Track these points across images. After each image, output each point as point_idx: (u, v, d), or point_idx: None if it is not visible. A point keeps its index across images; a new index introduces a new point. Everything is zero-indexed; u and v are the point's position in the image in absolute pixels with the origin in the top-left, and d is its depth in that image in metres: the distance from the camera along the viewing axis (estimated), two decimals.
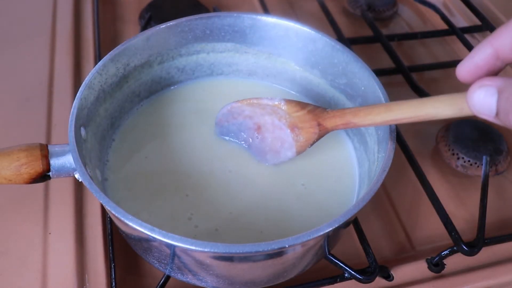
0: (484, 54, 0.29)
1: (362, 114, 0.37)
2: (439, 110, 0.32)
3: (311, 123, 0.39)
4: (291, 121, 0.40)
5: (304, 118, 0.40)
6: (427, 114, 0.33)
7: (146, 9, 0.64)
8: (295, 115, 0.40)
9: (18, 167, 0.35)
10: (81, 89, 0.39)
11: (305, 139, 0.40)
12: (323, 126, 0.39)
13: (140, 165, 0.43)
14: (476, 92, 0.28)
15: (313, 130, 0.39)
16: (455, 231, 0.42)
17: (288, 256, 0.34)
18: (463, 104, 0.30)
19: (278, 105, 0.40)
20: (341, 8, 0.72)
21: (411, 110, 0.34)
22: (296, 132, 0.40)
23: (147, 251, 0.36)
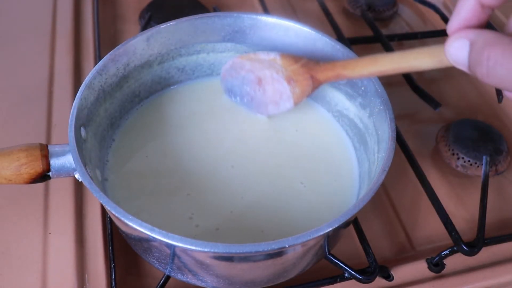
0: (469, 6, 0.30)
1: (351, 67, 0.39)
2: (421, 61, 0.34)
3: (304, 75, 0.41)
4: (287, 74, 0.42)
5: (298, 71, 0.42)
6: (409, 65, 0.35)
7: (146, 9, 0.64)
8: (290, 68, 0.42)
9: (18, 167, 0.36)
10: (81, 89, 0.39)
11: (301, 91, 0.42)
12: (316, 78, 0.41)
13: (140, 165, 0.43)
14: (452, 44, 0.30)
15: (307, 82, 0.41)
16: (455, 231, 0.42)
17: (288, 256, 0.34)
18: (443, 56, 0.31)
19: (274, 59, 0.43)
20: (341, 8, 0.72)
21: (394, 61, 0.36)
22: (292, 84, 0.42)
23: (147, 251, 0.36)
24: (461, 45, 0.29)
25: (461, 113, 0.58)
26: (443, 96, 0.60)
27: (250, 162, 0.44)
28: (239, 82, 0.46)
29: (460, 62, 0.29)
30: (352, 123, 0.46)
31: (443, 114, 0.58)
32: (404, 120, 0.57)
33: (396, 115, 0.39)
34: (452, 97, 0.60)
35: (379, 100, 0.40)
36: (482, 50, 0.27)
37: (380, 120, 0.40)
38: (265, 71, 0.44)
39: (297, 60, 0.42)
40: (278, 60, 0.42)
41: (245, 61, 0.44)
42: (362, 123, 0.44)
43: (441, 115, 0.58)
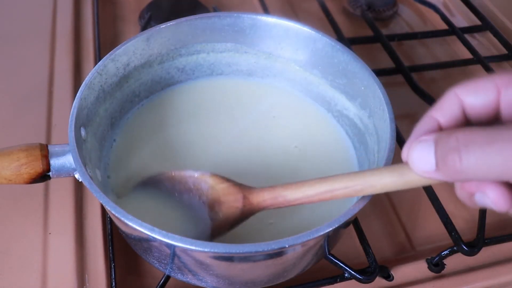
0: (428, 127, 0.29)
1: (294, 187, 0.33)
2: (376, 177, 0.30)
3: (236, 196, 0.35)
4: (213, 196, 0.36)
5: (229, 190, 0.36)
6: (364, 182, 0.30)
7: (146, 9, 0.64)
8: (220, 186, 0.36)
9: (18, 167, 0.35)
10: (81, 89, 0.39)
11: (224, 216, 0.35)
12: (248, 200, 0.35)
13: (140, 165, 0.43)
14: (415, 148, 0.27)
15: (236, 205, 0.35)
16: (455, 231, 0.42)
17: (288, 256, 0.34)
18: (403, 170, 0.29)
19: (202, 177, 0.37)
20: (341, 8, 0.72)
21: (347, 179, 0.31)
22: (215, 209, 0.36)
23: (147, 251, 0.36)
24: (425, 146, 0.27)
25: None
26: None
27: (250, 162, 0.44)
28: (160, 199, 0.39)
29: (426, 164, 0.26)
30: (352, 123, 0.46)
31: None
32: (404, 120, 0.57)
33: (396, 115, 0.39)
34: None
35: (379, 100, 0.40)
36: (449, 136, 0.25)
37: (380, 120, 0.40)
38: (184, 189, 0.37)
39: (229, 180, 0.36)
40: (207, 178, 0.36)
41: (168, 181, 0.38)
42: (362, 123, 0.44)
43: None
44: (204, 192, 0.36)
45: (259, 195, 0.34)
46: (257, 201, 0.34)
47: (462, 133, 0.25)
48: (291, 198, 0.33)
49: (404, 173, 0.29)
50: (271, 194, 0.34)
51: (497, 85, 0.27)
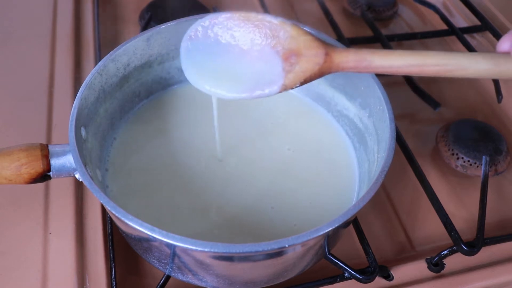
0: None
1: (382, 53, 0.32)
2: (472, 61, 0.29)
3: (318, 50, 0.33)
4: (291, 47, 0.33)
5: (311, 44, 0.33)
6: (458, 63, 0.29)
7: (146, 9, 0.64)
8: (302, 38, 0.33)
9: (18, 167, 0.36)
10: (81, 89, 0.39)
11: (301, 69, 0.33)
12: (330, 57, 0.33)
13: (140, 165, 0.43)
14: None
15: (317, 60, 0.33)
16: (454, 231, 0.42)
17: (288, 256, 0.34)
18: (498, 60, 0.28)
19: (283, 24, 0.34)
20: (341, 8, 0.72)
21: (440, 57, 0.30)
22: (291, 60, 0.33)
23: (147, 251, 0.36)
24: None
25: (461, 113, 0.58)
26: (443, 96, 0.60)
27: (250, 161, 0.44)
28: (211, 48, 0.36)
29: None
30: (352, 123, 0.46)
31: (443, 114, 0.58)
32: (404, 120, 0.57)
33: (396, 115, 0.39)
34: (452, 97, 0.60)
35: (379, 100, 0.40)
36: None
37: (380, 120, 0.40)
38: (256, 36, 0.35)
39: (310, 33, 0.34)
40: (288, 26, 0.34)
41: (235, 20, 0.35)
42: (362, 123, 0.44)
43: (441, 115, 0.58)
44: (281, 41, 0.34)
45: (343, 55, 0.32)
46: (340, 60, 0.33)
47: None
48: (378, 65, 0.32)
49: (499, 63, 0.28)
50: (356, 56, 0.32)
51: None
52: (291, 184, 0.43)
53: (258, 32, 0.34)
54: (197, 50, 0.36)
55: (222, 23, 0.35)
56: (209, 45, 0.36)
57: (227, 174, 0.43)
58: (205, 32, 0.36)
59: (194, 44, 0.37)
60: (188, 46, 0.37)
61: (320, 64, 0.33)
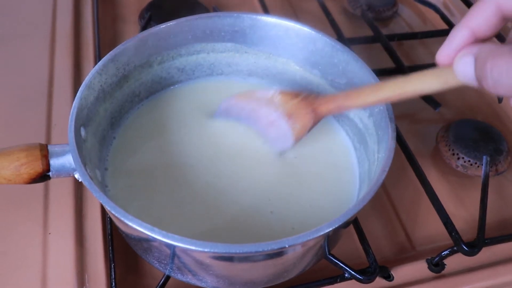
0: (462, 37, 0.31)
1: (354, 96, 0.38)
2: (425, 84, 0.33)
3: (306, 109, 0.41)
4: (286, 110, 0.42)
5: (298, 105, 0.41)
6: (415, 89, 0.34)
7: (146, 9, 0.64)
8: (290, 103, 0.41)
9: (18, 167, 0.35)
10: (81, 89, 0.39)
11: (301, 126, 0.41)
12: (317, 111, 0.40)
13: (140, 165, 0.43)
14: (459, 61, 0.30)
15: (308, 117, 0.41)
16: (455, 231, 0.42)
17: (288, 256, 0.34)
18: (447, 76, 0.31)
19: (273, 97, 0.42)
20: (341, 8, 0.72)
21: (399, 87, 0.35)
22: (292, 120, 0.41)
23: (147, 251, 0.36)
24: (467, 61, 0.30)
25: (461, 113, 0.58)
26: (443, 96, 0.59)
27: (250, 161, 0.44)
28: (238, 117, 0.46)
29: (469, 77, 0.30)
30: (352, 123, 0.46)
31: (443, 114, 0.58)
32: (404, 120, 0.57)
33: (396, 115, 0.39)
34: (452, 97, 0.60)
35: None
36: (485, 62, 0.28)
37: (380, 120, 0.40)
38: (262, 110, 0.43)
39: (297, 95, 0.42)
40: (276, 97, 0.42)
41: (242, 101, 0.44)
42: (362, 123, 0.44)
43: (441, 115, 0.58)
44: (278, 107, 0.42)
45: (325, 106, 0.40)
46: (325, 111, 0.40)
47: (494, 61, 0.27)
48: (352, 106, 0.40)
49: (448, 80, 0.32)
50: (335, 104, 0.40)
51: None
52: (291, 184, 0.43)
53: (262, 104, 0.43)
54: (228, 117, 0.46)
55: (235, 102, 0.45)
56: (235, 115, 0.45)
57: (227, 174, 0.43)
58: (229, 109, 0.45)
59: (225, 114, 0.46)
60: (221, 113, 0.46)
61: (312, 120, 0.41)
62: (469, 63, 0.29)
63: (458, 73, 0.30)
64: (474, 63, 0.29)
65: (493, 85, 0.28)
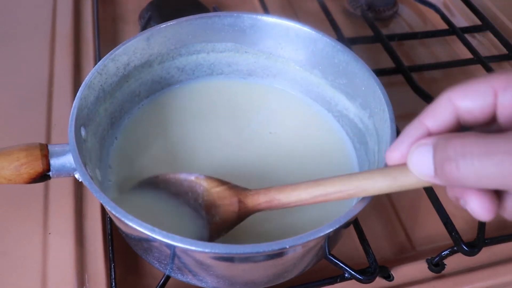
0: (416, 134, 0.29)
1: (288, 190, 0.33)
2: (369, 181, 0.30)
3: (231, 199, 0.35)
4: (208, 199, 0.36)
5: (223, 193, 0.36)
6: (357, 186, 0.31)
7: (146, 9, 0.64)
8: (214, 190, 0.36)
9: (18, 167, 0.35)
10: (81, 89, 0.39)
11: (221, 219, 0.36)
12: (243, 204, 0.35)
13: (140, 165, 0.43)
14: (413, 152, 0.28)
15: (232, 208, 0.35)
16: (455, 231, 0.42)
17: (289, 257, 0.34)
18: (397, 173, 0.29)
19: (197, 180, 0.37)
20: (341, 8, 0.72)
21: (341, 183, 0.31)
22: (212, 212, 0.36)
23: (147, 251, 0.36)
24: (424, 150, 0.27)
25: None
26: None
27: (250, 161, 0.44)
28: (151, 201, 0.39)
29: (425, 168, 0.27)
30: (352, 123, 0.46)
31: None
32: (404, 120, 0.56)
33: (396, 115, 0.39)
34: None
35: (379, 100, 0.40)
36: (447, 143, 0.25)
37: (380, 121, 0.40)
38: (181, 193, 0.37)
39: (223, 183, 0.36)
40: (201, 181, 0.36)
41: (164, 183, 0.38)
42: (362, 123, 0.44)
43: None
44: (200, 195, 0.36)
45: (254, 198, 0.35)
46: (252, 204, 0.35)
47: (460, 141, 0.25)
48: (286, 201, 0.34)
49: (397, 177, 0.29)
50: (266, 197, 0.34)
51: (493, 87, 0.27)
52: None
53: (180, 189, 0.37)
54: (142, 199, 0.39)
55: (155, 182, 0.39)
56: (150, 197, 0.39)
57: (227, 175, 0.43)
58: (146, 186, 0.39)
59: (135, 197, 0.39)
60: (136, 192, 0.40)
61: (236, 211, 0.35)
62: (426, 151, 0.27)
63: (412, 165, 0.27)
64: (432, 150, 0.26)
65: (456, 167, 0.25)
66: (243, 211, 0.35)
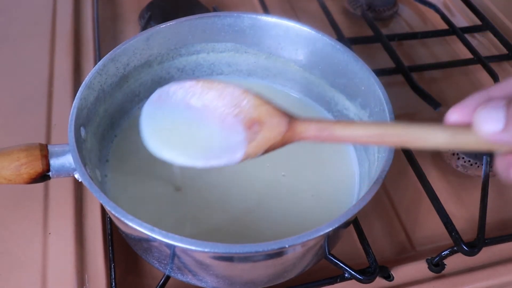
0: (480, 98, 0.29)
1: (344, 124, 0.32)
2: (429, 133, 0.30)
3: (280, 119, 0.33)
4: (252, 115, 0.33)
5: (273, 111, 0.33)
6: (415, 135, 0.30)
7: (146, 8, 0.64)
8: (264, 107, 0.33)
9: (18, 167, 0.35)
10: (81, 89, 0.39)
11: (264, 138, 0.33)
12: (292, 126, 0.32)
13: (140, 165, 0.43)
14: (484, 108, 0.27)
15: (280, 129, 0.32)
16: (455, 231, 0.42)
17: (288, 256, 0.34)
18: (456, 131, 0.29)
19: (245, 94, 0.34)
20: (341, 8, 0.72)
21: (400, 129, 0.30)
22: (254, 129, 0.33)
23: (147, 251, 0.36)
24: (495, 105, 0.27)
25: None
26: (443, 96, 0.60)
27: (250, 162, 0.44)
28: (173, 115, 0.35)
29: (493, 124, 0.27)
30: None
31: (443, 114, 0.57)
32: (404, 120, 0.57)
33: (396, 115, 0.39)
34: (453, 97, 0.60)
35: (379, 100, 0.40)
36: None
37: (380, 120, 0.40)
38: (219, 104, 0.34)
39: (272, 103, 0.33)
40: (250, 95, 0.33)
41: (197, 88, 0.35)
42: None
43: (441, 115, 0.57)
44: (243, 110, 0.33)
45: (304, 124, 0.32)
46: (301, 129, 0.32)
47: None
48: (339, 135, 0.32)
49: (457, 134, 0.29)
50: (317, 126, 0.32)
51: None
52: (291, 184, 0.43)
53: (221, 101, 0.34)
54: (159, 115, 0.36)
55: (186, 90, 0.35)
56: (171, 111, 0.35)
57: (227, 174, 0.43)
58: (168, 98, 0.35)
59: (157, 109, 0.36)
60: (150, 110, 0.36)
61: (283, 133, 0.32)
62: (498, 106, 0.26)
63: (480, 120, 0.27)
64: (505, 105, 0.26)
65: None
66: (289, 134, 0.32)
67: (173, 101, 0.35)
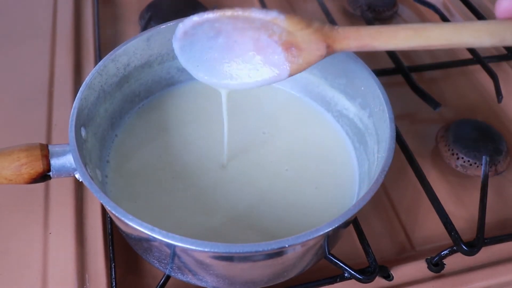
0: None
1: (385, 38, 0.32)
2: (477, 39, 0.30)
3: (318, 44, 0.33)
4: (289, 39, 0.33)
5: (309, 38, 0.33)
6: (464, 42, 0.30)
7: (146, 9, 0.64)
8: (299, 33, 0.33)
9: (18, 167, 0.36)
10: (81, 89, 0.39)
11: (304, 61, 0.34)
12: (331, 48, 0.33)
13: (140, 165, 0.43)
14: None
15: (319, 53, 0.33)
16: (454, 231, 0.42)
17: (288, 256, 0.34)
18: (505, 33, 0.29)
19: (275, 20, 0.33)
20: (341, 8, 0.72)
21: (444, 37, 0.30)
22: (293, 52, 0.34)
23: (147, 251, 0.36)
24: None
25: (461, 113, 0.58)
26: (443, 96, 0.60)
27: (249, 161, 0.44)
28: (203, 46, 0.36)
29: None
30: (352, 123, 0.46)
31: (443, 114, 0.58)
32: (404, 120, 0.57)
33: (396, 115, 0.39)
34: (452, 97, 0.60)
35: (379, 100, 0.40)
36: None
37: (380, 120, 0.40)
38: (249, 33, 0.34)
39: (309, 24, 0.33)
40: (281, 22, 0.33)
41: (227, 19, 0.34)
42: (362, 123, 0.44)
43: (441, 115, 0.58)
44: (275, 33, 0.34)
45: (344, 43, 0.33)
46: (341, 47, 0.33)
47: None
48: (381, 49, 0.33)
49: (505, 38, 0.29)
50: (357, 43, 0.33)
51: None
52: (291, 184, 0.43)
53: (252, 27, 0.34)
54: (192, 46, 0.36)
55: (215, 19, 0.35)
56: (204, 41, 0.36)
57: (228, 174, 0.43)
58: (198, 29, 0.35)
59: (188, 40, 0.36)
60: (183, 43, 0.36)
61: (323, 55, 0.34)
62: None
63: None
64: None
65: None
66: (330, 51, 0.34)
67: (200, 32, 0.35)
